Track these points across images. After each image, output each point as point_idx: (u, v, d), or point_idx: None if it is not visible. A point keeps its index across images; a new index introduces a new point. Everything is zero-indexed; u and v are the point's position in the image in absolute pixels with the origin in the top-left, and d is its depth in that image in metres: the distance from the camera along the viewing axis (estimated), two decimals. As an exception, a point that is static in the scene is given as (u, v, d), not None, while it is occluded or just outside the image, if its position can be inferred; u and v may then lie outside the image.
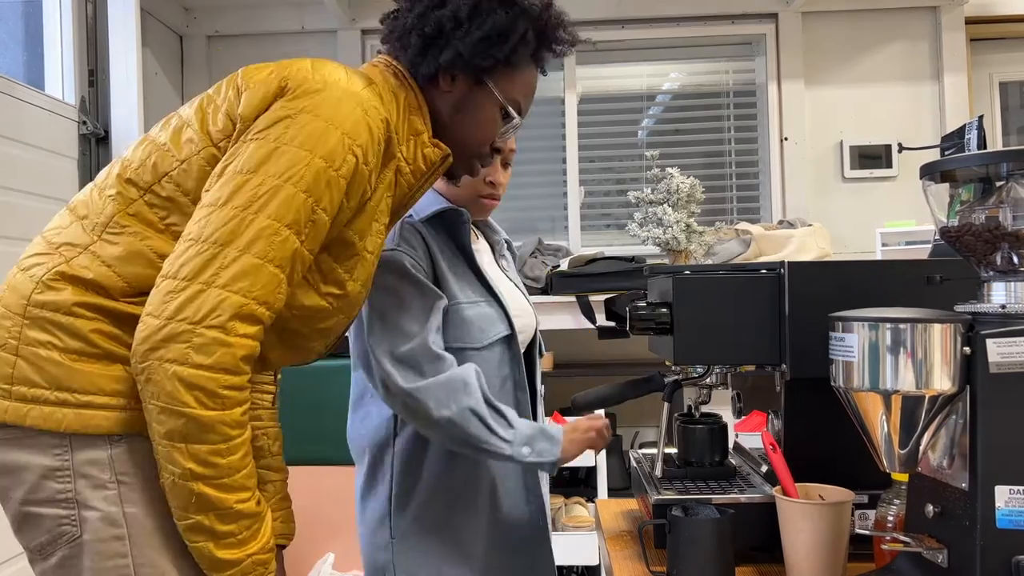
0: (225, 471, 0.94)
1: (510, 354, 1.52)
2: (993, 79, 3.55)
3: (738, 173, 3.53)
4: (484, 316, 1.51)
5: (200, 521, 0.94)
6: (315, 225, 0.99)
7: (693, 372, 1.27)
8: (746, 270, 1.19)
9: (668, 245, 2.95)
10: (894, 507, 1.05)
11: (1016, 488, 0.85)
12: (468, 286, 1.53)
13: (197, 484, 0.92)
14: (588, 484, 2.97)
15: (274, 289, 0.95)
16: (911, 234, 2.80)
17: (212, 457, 0.93)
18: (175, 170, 1.02)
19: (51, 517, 0.96)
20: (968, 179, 0.98)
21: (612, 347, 3.33)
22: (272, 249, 0.94)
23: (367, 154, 1.03)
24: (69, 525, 0.96)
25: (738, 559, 1.11)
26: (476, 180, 1.56)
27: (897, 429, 0.91)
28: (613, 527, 1.37)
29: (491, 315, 1.51)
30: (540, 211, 3.56)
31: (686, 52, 3.55)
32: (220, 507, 0.94)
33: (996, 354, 0.86)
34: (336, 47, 3.46)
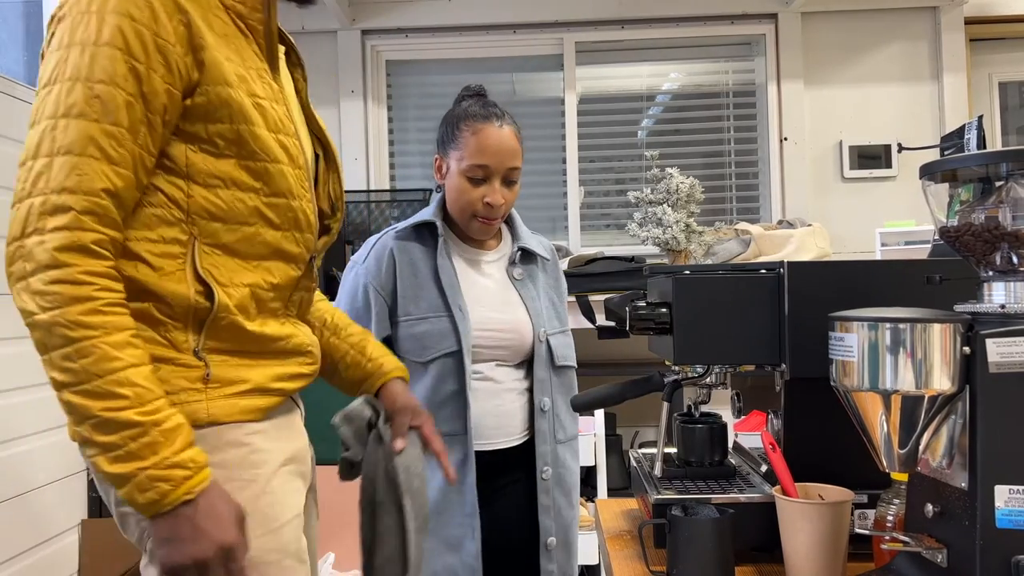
0: (83, 376, 0.91)
1: (457, 370, 1.55)
2: (992, 79, 3.56)
3: (738, 173, 3.53)
4: (430, 333, 1.56)
5: (80, 432, 0.92)
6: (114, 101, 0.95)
7: (693, 372, 1.27)
8: (746, 270, 1.19)
9: (668, 245, 2.95)
10: (894, 507, 1.05)
11: (1016, 488, 0.86)
12: (425, 301, 1.58)
13: (64, 393, 0.92)
14: (588, 484, 2.97)
15: (70, 172, 0.93)
16: (911, 234, 2.80)
17: (64, 362, 0.91)
18: None
19: (135, 515, 1.00)
20: (968, 179, 0.98)
21: (612, 347, 3.33)
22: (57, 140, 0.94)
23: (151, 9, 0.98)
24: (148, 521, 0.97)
25: (738, 559, 1.11)
26: (473, 200, 1.59)
27: (897, 429, 0.91)
28: (613, 527, 1.37)
29: (439, 331, 1.56)
30: (540, 211, 3.57)
31: (686, 52, 3.55)
32: (89, 415, 0.91)
33: (996, 354, 0.86)
34: (336, 47, 3.46)
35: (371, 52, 3.53)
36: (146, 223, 1.01)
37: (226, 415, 1.05)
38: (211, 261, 1.05)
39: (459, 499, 1.55)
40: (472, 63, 3.58)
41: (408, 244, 1.61)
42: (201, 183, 1.04)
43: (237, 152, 1.05)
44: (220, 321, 1.05)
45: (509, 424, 1.62)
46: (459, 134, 1.62)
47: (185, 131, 1.03)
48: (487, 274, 1.66)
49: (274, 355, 1.12)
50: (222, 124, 1.04)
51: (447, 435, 1.55)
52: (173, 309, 1.02)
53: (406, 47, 3.55)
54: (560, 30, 3.51)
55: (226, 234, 1.06)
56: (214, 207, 1.04)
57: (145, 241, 1.01)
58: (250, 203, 1.06)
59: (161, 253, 1.02)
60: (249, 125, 1.06)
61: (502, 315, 1.62)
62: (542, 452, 1.64)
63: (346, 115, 3.47)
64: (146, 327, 1.01)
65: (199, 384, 1.04)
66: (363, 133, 3.49)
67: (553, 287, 1.76)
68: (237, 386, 1.06)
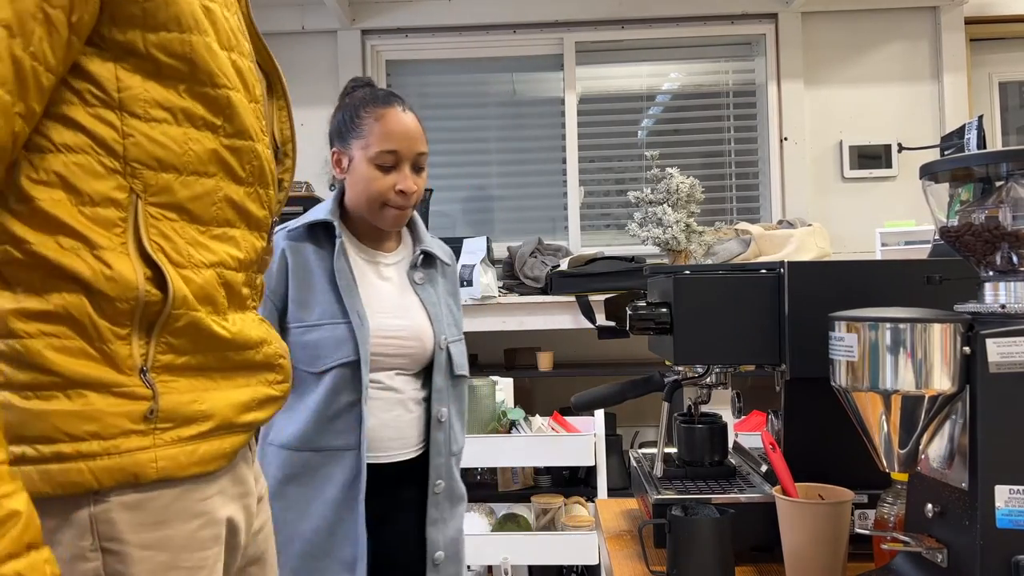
0: None
1: (353, 381, 1.47)
2: (992, 79, 3.55)
3: (738, 173, 3.53)
4: (324, 341, 1.47)
5: None
6: None
7: (693, 372, 1.27)
8: (746, 270, 1.19)
9: (668, 245, 2.95)
10: (894, 507, 1.05)
11: (1016, 488, 0.85)
12: (319, 306, 1.49)
13: None
14: (588, 484, 2.97)
15: None
16: (911, 234, 2.80)
17: None
18: None
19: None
20: (968, 179, 0.98)
21: (612, 347, 3.33)
22: None
23: None
24: None
25: (738, 559, 1.11)
26: (384, 188, 1.51)
27: (897, 429, 0.91)
28: (613, 527, 1.37)
29: (335, 339, 1.47)
30: (540, 211, 3.57)
31: (686, 52, 3.55)
32: None
33: (996, 354, 0.86)
34: (336, 47, 3.46)
35: (371, 52, 3.53)
36: (65, 175, 0.71)
37: (180, 469, 0.76)
38: (161, 230, 0.76)
39: (350, 517, 1.47)
40: (472, 63, 3.58)
41: (301, 245, 1.51)
42: (141, 115, 0.74)
43: (189, 74, 0.77)
44: (175, 321, 0.76)
45: (407, 435, 1.55)
46: (360, 122, 1.53)
47: (113, 41, 0.73)
48: (386, 277, 1.58)
49: (241, 370, 0.83)
50: (167, 32, 0.75)
51: (339, 449, 1.48)
52: (114, 305, 0.73)
53: (406, 47, 3.55)
54: (560, 30, 3.51)
55: (181, 189, 0.77)
56: (163, 150, 0.75)
57: (65, 202, 0.71)
58: (208, 145, 0.79)
59: (92, 218, 0.72)
60: (202, 35, 0.77)
61: (402, 321, 1.54)
62: (436, 465, 1.57)
63: (346, 115, 3.46)
64: (72, 333, 0.71)
65: (142, 424, 0.74)
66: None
67: (451, 293, 1.69)
68: (196, 425, 0.77)
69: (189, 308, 0.77)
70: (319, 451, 1.48)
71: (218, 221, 0.81)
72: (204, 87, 0.78)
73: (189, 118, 0.77)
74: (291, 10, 3.41)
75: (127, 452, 0.72)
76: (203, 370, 0.79)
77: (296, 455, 1.49)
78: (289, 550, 1.48)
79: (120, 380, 0.73)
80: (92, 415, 0.71)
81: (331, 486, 1.48)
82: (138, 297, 0.73)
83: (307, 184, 3.22)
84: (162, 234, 0.76)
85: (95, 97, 0.72)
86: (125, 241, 0.73)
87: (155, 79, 0.75)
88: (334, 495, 1.48)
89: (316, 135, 3.44)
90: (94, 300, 0.72)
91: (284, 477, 1.49)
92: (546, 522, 2.68)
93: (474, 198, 3.56)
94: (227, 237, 0.82)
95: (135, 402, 0.73)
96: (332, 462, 1.48)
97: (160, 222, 0.76)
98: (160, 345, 0.76)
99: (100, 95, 0.72)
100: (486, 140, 3.58)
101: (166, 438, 0.75)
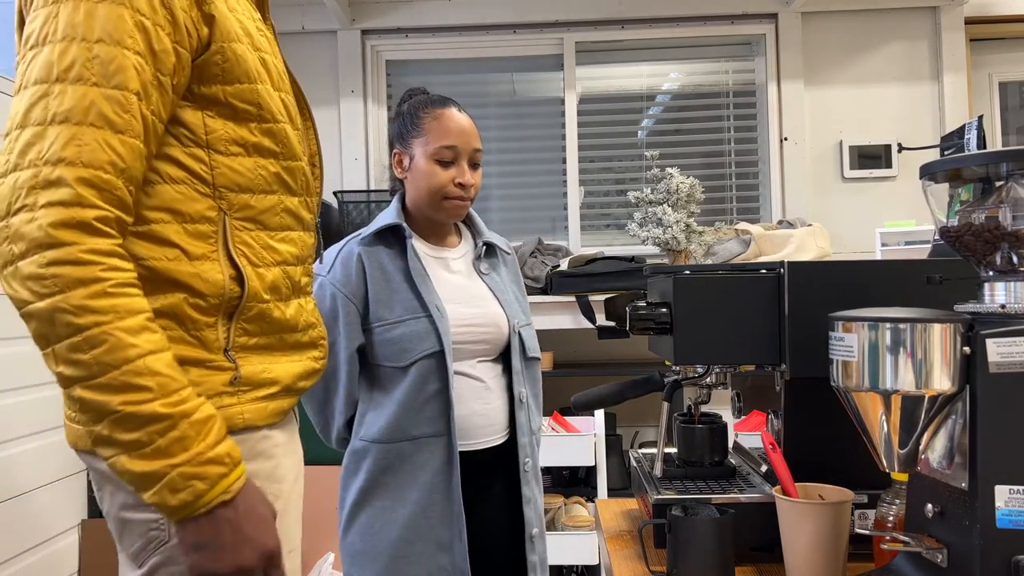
0: (96, 368, 0.80)
1: (439, 370, 1.54)
2: (993, 79, 3.55)
3: (738, 173, 3.53)
4: (409, 335, 1.54)
5: (99, 432, 0.82)
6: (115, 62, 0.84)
7: (693, 372, 1.27)
8: (746, 270, 1.19)
9: (668, 245, 2.95)
10: (894, 507, 1.05)
11: (1016, 488, 0.85)
12: (400, 304, 1.57)
13: (75, 389, 0.81)
14: (588, 484, 2.97)
15: (68, 142, 0.81)
16: (911, 234, 2.80)
17: (71, 354, 0.80)
18: None
19: (142, 522, 0.91)
20: (968, 179, 0.98)
21: (612, 347, 3.33)
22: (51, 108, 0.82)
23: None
24: (158, 530, 0.91)
25: (738, 559, 1.11)
26: (444, 182, 1.60)
27: (897, 429, 0.91)
28: (613, 527, 1.37)
29: (418, 333, 1.54)
30: (540, 211, 3.57)
31: (686, 52, 3.55)
32: (107, 411, 0.80)
33: (996, 354, 0.86)
34: (336, 47, 3.46)
35: (371, 52, 3.53)
36: (170, 202, 0.91)
37: (260, 419, 0.97)
38: (243, 239, 0.97)
39: (445, 500, 1.53)
40: (472, 63, 3.58)
41: (374, 249, 1.60)
42: (223, 151, 0.95)
43: (257, 115, 0.97)
44: (249, 311, 0.97)
45: (496, 421, 1.62)
46: (420, 122, 1.62)
47: (201, 95, 0.93)
48: (455, 270, 1.66)
49: (294, 348, 1.04)
50: (241, 84, 0.95)
51: (430, 436, 1.53)
52: (207, 301, 0.93)
53: (406, 47, 3.55)
54: (560, 30, 3.51)
55: (255, 204, 0.97)
56: (240, 177, 0.96)
57: (172, 223, 0.91)
58: (272, 169, 0.99)
59: (192, 233, 0.92)
60: (263, 84, 0.98)
61: (477, 309, 1.62)
62: (522, 444, 1.63)
63: (346, 115, 3.47)
64: (174, 325, 0.91)
65: (230, 387, 0.95)
66: (363, 133, 3.49)
67: (515, 281, 1.77)
68: (266, 388, 0.99)
69: (259, 300, 0.97)
70: (411, 440, 1.54)
71: (281, 227, 1.02)
72: (268, 123, 0.98)
73: (258, 150, 0.98)
74: (291, 10, 3.41)
75: (222, 408, 0.93)
76: (268, 348, 1.00)
77: (389, 447, 1.55)
78: (386, 535, 1.53)
79: (210, 357, 0.94)
80: (196, 383, 0.91)
81: (425, 472, 1.54)
82: (224, 293, 0.94)
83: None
84: (244, 242, 0.97)
85: (189, 139, 0.93)
86: (216, 249, 0.94)
87: (233, 121, 0.95)
88: (428, 480, 1.53)
89: (316, 135, 3.45)
90: (192, 299, 0.92)
91: (378, 469, 1.55)
92: (546, 522, 2.68)
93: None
94: (288, 239, 1.03)
95: (223, 372, 0.94)
96: (424, 449, 1.54)
97: (242, 232, 0.97)
98: (237, 329, 0.96)
99: (192, 137, 0.93)
100: (486, 140, 3.56)
101: (246, 398, 0.96)
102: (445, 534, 1.53)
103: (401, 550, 1.52)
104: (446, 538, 1.53)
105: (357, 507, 1.57)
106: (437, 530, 1.53)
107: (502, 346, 1.65)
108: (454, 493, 1.53)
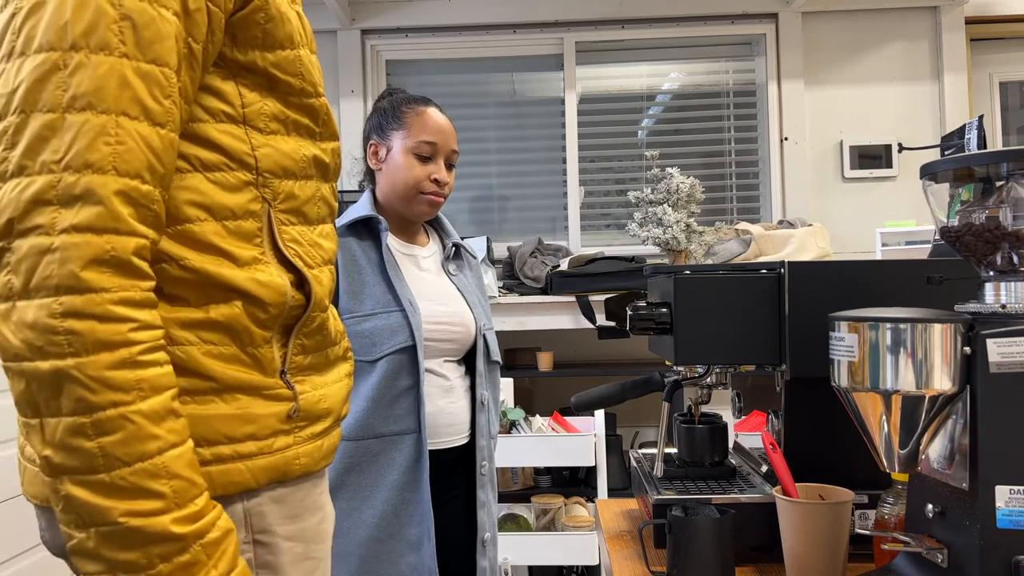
0: (100, 461, 0.60)
1: (411, 366, 1.52)
2: (993, 79, 3.55)
3: (738, 173, 3.53)
4: (380, 329, 1.52)
5: (81, 542, 0.62)
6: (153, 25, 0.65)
7: (693, 372, 1.27)
8: (746, 270, 1.19)
9: (668, 245, 2.95)
10: (894, 507, 1.05)
11: (1016, 488, 0.85)
12: (371, 297, 1.54)
13: (63, 481, 0.61)
14: (588, 484, 2.97)
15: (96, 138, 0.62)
16: (911, 234, 2.80)
17: (72, 438, 0.60)
18: None
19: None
20: (968, 179, 0.98)
21: (612, 347, 3.33)
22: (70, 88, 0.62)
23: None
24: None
25: (738, 559, 1.11)
26: (420, 176, 1.59)
27: (897, 429, 0.91)
28: (613, 527, 1.37)
29: (390, 327, 1.52)
30: (540, 211, 3.57)
31: (686, 52, 3.55)
32: (103, 520, 0.61)
33: (996, 354, 0.86)
34: (336, 47, 3.46)
35: (371, 52, 3.53)
36: (205, 195, 0.72)
37: (315, 463, 0.80)
38: (292, 235, 0.78)
39: (415, 498, 1.52)
40: (472, 63, 3.58)
41: (346, 241, 1.58)
42: (262, 128, 0.76)
43: (298, 88, 0.78)
44: (311, 323, 0.79)
45: (460, 421, 1.61)
46: (402, 116, 1.63)
47: (234, 61, 0.73)
48: (425, 268, 1.66)
49: (334, 365, 0.85)
50: (283, 51, 0.76)
51: (399, 433, 1.51)
52: (267, 311, 0.74)
53: (406, 47, 3.55)
54: (560, 30, 3.51)
55: (299, 193, 0.79)
56: (286, 159, 0.77)
57: (209, 221, 0.72)
58: (311, 151, 0.81)
59: (236, 233, 0.73)
60: (304, 48, 0.79)
61: (448, 307, 1.61)
62: (481, 447, 1.63)
63: (346, 115, 3.46)
64: (228, 340, 0.73)
65: (287, 424, 0.76)
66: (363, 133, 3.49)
67: (479, 286, 1.77)
68: (322, 421, 0.81)
69: (321, 309, 0.80)
70: (379, 437, 1.52)
71: (320, 218, 0.84)
72: (309, 98, 0.80)
73: (296, 128, 0.79)
74: (291, 10, 3.40)
75: (278, 451, 0.75)
76: (317, 368, 0.82)
77: (356, 445, 1.52)
78: (355, 536, 1.51)
79: (268, 383, 0.75)
80: (249, 417, 0.73)
81: (393, 471, 1.52)
82: (286, 302, 0.75)
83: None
84: (293, 239, 0.78)
85: (223, 114, 0.73)
86: (264, 250, 0.75)
87: (270, 94, 0.76)
88: (397, 479, 1.51)
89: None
90: (249, 308, 0.73)
91: (345, 468, 1.52)
92: (546, 522, 2.68)
93: (474, 198, 3.56)
94: (326, 233, 0.85)
95: (281, 403, 0.76)
96: (393, 447, 1.52)
97: (288, 227, 0.78)
98: (295, 347, 0.78)
99: (228, 111, 0.74)
100: (486, 140, 3.58)
101: (303, 435, 0.78)
102: (415, 533, 1.52)
103: (372, 550, 1.50)
104: (415, 537, 1.52)
105: None
106: (407, 529, 1.52)
107: (468, 346, 1.64)
108: (424, 492, 1.51)
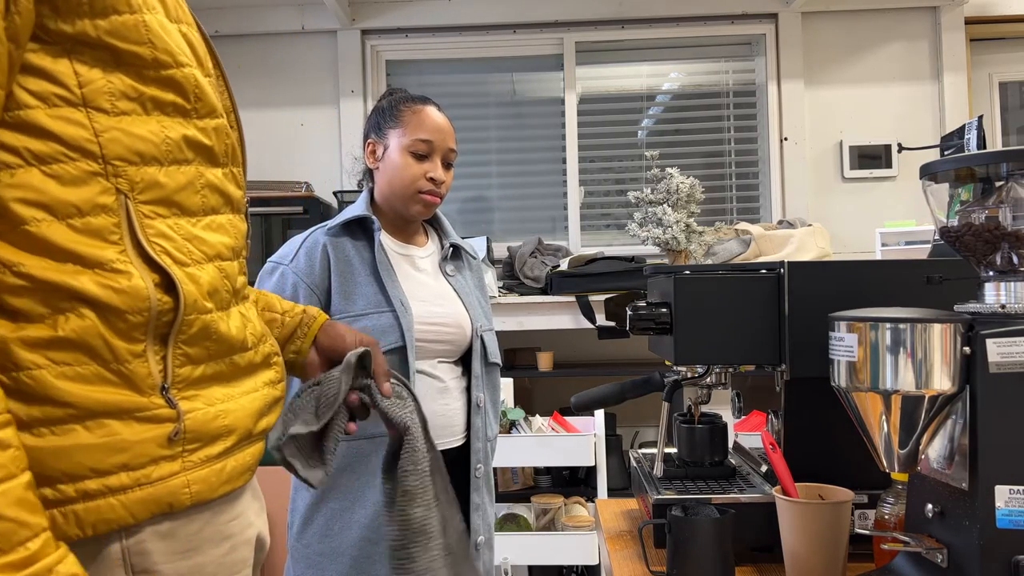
0: None
1: (401, 367, 1.51)
2: (993, 79, 3.55)
3: (738, 173, 3.53)
4: (370, 329, 1.51)
5: None
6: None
7: (693, 372, 1.27)
8: (746, 270, 1.19)
9: (668, 245, 2.95)
10: (894, 507, 1.05)
11: (1016, 488, 0.85)
12: (363, 297, 1.53)
13: None
14: (588, 484, 2.97)
15: None
16: (911, 234, 2.80)
17: None
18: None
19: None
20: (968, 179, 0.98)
21: (612, 347, 3.33)
22: None
23: None
24: None
25: (738, 559, 1.11)
26: (416, 175, 1.59)
27: (897, 429, 0.91)
28: (613, 527, 1.37)
29: (380, 327, 1.51)
30: (540, 211, 3.57)
31: (686, 52, 3.55)
32: None
33: (996, 354, 0.86)
34: (336, 47, 3.46)
35: (371, 52, 3.53)
36: (42, 191, 0.64)
37: (212, 490, 0.71)
38: (159, 229, 0.70)
39: None
40: (472, 63, 3.58)
41: (340, 240, 1.57)
42: (108, 109, 0.67)
43: (151, 58, 0.69)
44: (189, 327, 0.70)
45: (455, 423, 1.60)
46: (399, 114, 1.62)
47: (61, 34, 0.64)
48: (421, 268, 1.64)
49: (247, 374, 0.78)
50: (118, 16, 0.66)
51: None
52: (127, 319, 0.66)
53: (406, 47, 3.55)
54: (560, 30, 3.51)
55: (167, 181, 0.70)
56: (141, 142, 0.68)
57: (51, 221, 0.64)
58: (182, 131, 0.72)
59: (84, 231, 0.65)
60: (152, 12, 0.69)
61: (442, 308, 1.60)
62: (476, 449, 1.61)
63: (346, 115, 3.46)
64: (86, 359, 0.65)
65: (168, 448, 0.68)
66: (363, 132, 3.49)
67: (479, 286, 1.75)
68: (222, 441, 0.72)
69: (199, 311, 0.71)
70: (370, 439, 1.51)
71: (205, 209, 0.75)
72: (169, 69, 0.70)
73: (158, 106, 0.70)
74: (291, 10, 3.41)
75: (159, 480, 0.67)
76: (217, 379, 0.74)
77: (347, 445, 1.51)
78: (347, 537, 1.50)
79: (142, 403, 0.67)
80: (118, 445, 0.65)
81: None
82: (151, 307, 0.67)
83: (307, 184, 3.22)
84: (160, 233, 0.70)
85: (56, 97, 0.65)
86: (124, 248, 0.67)
87: (116, 68, 0.67)
88: None
89: (316, 135, 3.45)
90: (105, 318, 0.65)
91: (336, 469, 1.51)
92: (546, 522, 2.68)
93: (474, 198, 3.56)
94: (216, 225, 0.76)
95: (160, 425, 0.67)
96: (384, 448, 1.50)
97: (155, 220, 0.69)
98: (177, 358, 0.70)
99: (61, 93, 0.65)
100: (486, 140, 3.58)
101: (194, 459, 0.69)
102: None
103: (364, 550, 1.50)
104: None
105: (312, 509, 1.53)
106: None
107: (464, 348, 1.63)
108: None
